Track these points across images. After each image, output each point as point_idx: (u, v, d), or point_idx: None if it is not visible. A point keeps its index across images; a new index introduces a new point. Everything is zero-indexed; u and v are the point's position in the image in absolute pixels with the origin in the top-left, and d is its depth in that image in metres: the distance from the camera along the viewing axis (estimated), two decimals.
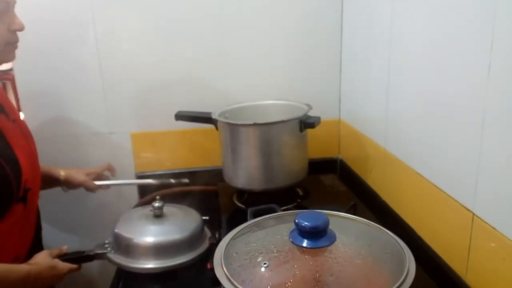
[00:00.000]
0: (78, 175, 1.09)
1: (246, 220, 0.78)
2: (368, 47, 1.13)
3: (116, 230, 0.94)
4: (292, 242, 0.66)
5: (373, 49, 1.09)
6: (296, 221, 0.66)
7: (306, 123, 1.07)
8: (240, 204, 1.14)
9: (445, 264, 0.81)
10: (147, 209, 0.99)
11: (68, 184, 1.08)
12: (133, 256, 0.91)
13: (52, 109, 1.25)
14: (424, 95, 0.86)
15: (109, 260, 0.92)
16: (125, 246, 0.92)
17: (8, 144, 0.83)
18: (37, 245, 0.95)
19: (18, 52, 0.87)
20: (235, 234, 0.73)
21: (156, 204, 0.96)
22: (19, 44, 0.86)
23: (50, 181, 1.06)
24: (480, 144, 0.69)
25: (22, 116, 1.28)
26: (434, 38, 0.81)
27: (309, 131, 1.12)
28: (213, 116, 1.13)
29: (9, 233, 0.83)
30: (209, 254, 0.73)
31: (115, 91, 1.26)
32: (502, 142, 0.65)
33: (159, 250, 0.90)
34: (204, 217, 1.00)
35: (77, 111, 1.26)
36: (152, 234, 0.92)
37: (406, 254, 0.65)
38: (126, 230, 0.93)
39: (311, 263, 0.63)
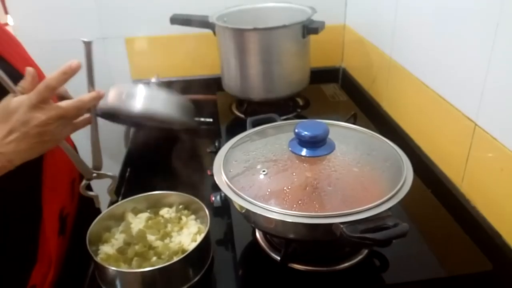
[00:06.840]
0: None
1: (245, 130, 0.78)
2: None
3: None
4: (291, 151, 0.66)
5: None
6: (296, 130, 0.65)
7: (309, 28, 1.02)
8: (239, 114, 1.13)
9: (441, 173, 0.82)
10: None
11: None
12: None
13: (41, 13, 1.18)
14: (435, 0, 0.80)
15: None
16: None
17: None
18: None
19: None
20: (234, 143, 0.73)
21: (153, 80, 0.97)
22: None
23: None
24: (490, 54, 0.66)
25: (10, 20, 1.21)
26: None
27: (312, 37, 1.06)
28: (211, 20, 1.06)
29: None
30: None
31: None
32: None
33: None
34: (208, 119, 1.02)
35: (68, 15, 1.19)
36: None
37: (404, 163, 0.65)
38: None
39: (309, 171, 0.63)
